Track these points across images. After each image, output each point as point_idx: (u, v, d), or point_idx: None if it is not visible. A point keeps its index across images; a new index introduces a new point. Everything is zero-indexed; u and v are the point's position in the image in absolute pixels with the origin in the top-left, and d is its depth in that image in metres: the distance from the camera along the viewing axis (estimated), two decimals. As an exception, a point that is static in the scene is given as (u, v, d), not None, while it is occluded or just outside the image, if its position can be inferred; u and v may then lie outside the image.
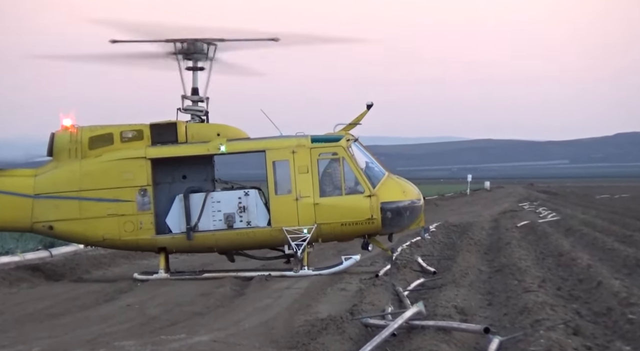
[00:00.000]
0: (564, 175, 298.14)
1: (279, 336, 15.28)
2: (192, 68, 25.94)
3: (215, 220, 24.81)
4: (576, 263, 25.07)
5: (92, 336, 15.88)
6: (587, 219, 47.60)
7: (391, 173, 25.76)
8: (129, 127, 25.39)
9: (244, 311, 18.51)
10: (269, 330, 15.95)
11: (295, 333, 15.23)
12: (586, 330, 14.83)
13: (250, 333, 15.73)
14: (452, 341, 14.02)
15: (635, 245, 31.18)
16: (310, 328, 15.20)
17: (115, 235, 24.97)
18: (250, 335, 15.53)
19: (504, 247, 31.16)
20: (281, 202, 24.72)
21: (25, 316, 19.00)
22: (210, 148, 25.19)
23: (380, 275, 23.57)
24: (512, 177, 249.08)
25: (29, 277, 24.91)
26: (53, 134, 25.57)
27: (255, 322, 16.89)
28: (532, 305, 16.65)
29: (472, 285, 21.34)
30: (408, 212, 25.21)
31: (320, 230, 24.75)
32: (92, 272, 27.49)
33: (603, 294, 18.89)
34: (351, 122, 25.53)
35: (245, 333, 15.73)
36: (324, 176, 24.92)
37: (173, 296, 21.41)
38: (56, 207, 25.03)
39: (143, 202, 24.90)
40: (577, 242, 33.94)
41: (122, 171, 24.95)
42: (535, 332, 14.03)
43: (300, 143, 24.99)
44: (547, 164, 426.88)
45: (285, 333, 15.49)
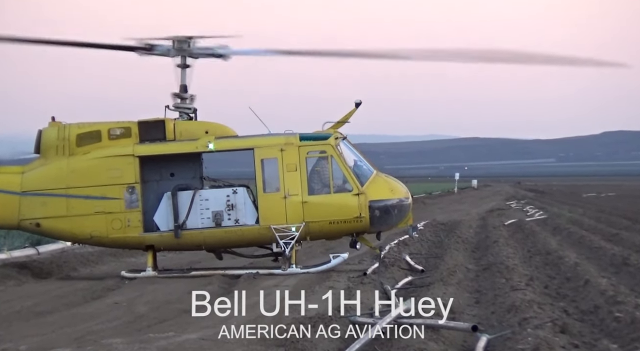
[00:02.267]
0: (551, 173, 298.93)
1: (268, 335, 15.25)
2: (181, 65, 25.90)
3: (203, 218, 24.79)
4: (563, 261, 25.14)
5: (79, 334, 15.84)
6: (574, 217, 47.73)
7: (379, 171, 25.78)
8: (117, 125, 25.34)
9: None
10: (258, 328, 15.91)
11: (284, 331, 15.21)
12: (573, 328, 14.87)
13: (238, 332, 15.67)
14: (440, 340, 14.05)
15: (622, 243, 31.29)
16: (298, 326, 15.19)
17: (103, 233, 24.92)
18: (239, 334, 15.48)
19: (492, 245, 31.22)
20: (269, 200, 24.72)
21: (12, 314, 18.95)
22: (198, 146, 25.17)
23: (368, 274, 23.60)
24: (499, 175, 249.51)
25: (16, 275, 24.84)
26: (40, 131, 25.50)
27: (244, 320, 16.86)
28: (519, 303, 16.70)
29: (460, 283, 21.37)
30: (396, 210, 25.24)
31: (309, 228, 24.75)
32: (79, 270, 27.43)
33: (590, 292, 18.95)
34: (340, 120, 25.54)
35: (233, 332, 15.67)
36: (313, 174, 24.92)
37: (161, 294, 21.38)
38: (43, 204, 24.96)
39: (131, 200, 24.86)
40: (565, 240, 34.02)
41: (110, 168, 24.90)
42: (522, 330, 14.07)
43: (289, 141, 24.98)
44: (534, 163, 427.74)
45: (274, 331, 15.46)
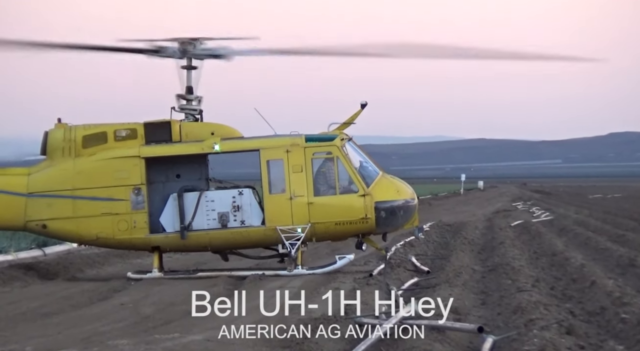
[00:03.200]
0: (557, 174, 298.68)
1: (272, 336, 15.26)
2: (187, 67, 25.92)
3: (209, 219, 24.80)
4: (569, 262, 25.11)
5: (85, 335, 15.86)
6: (580, 219, 47.68)
7: (385, 172, 25.77)
8: (123, 126, 25.37)
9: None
10: (263, 329, 15.92)
11: (287, 332, 15.21)
12: (579, 329, 14.86)
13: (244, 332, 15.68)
14: (446, 341, 14.04)
15: (628, 244, 31.24)
16: (303, 328, 15.19)
17: (109, 234, 24.94)
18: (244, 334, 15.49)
19: (498, 247, 31.19)
20: (275, 201, 24.72)
21: (18, 315, 18.97)
22: (204, 147, 25.19)
23: (374, 275, 23.59)
24: (506, 176, 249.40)
25: (22, 276, 24.87)
26: (47, 133, 25.54)
27: (249, 321, 16.86)
28: (525, 305, 16.68)
29: (465, 284, 21.35)
30: (402, 212, 25.22)
31: (314, 229, 24.75)
32: (85, 271, 27.46)
33: (596, 293, 18.93)
34: (345, 121, 25.53)
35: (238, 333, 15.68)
36: (318, 175, 24.92)
37: (167, 295, 21.39)
38: (50, 205, 24.99)
39: (137, 201, 24.89)
40: (571, 241, 33.99)
41: (116, 170, 24.93)
42: (528, 331, 14.05)
43: (295, 143, 24.99)
44: (540, 164, 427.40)
45: (279, 333, 15.47)
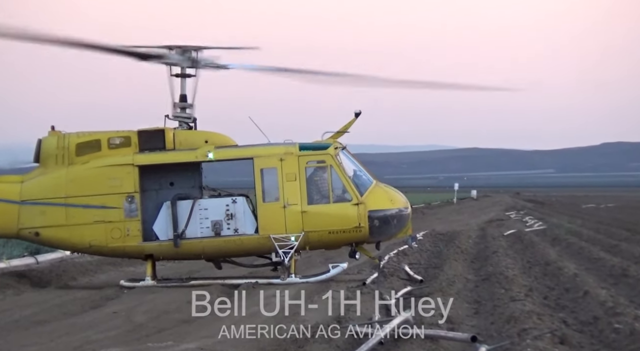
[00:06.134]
0: (550, 184, 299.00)
1: (265, 344, 15.26)
2: (180, 75, 25.92)
3: (202, 228, 24.79)
4: (563, 272, 25.14)
5: (78, 344, 15.83)
6: (573, 228, 47.73)
7: (379, 181, 25.80)
8: (117, 134, 25.36)
9: (231, 318, 18.45)
10: (256, 338, 15.92)
11: (283, 341, 15.21)
12: (573, 339, 14.88)
13: (237, 340, 15.69)
14: (440, 350, 14.04)
15: (621, 254, 31.29)
16: (297, 336, 15.18)
17: (102, 242, 24.91)
18: (238, 342, 15.49)
19: (491, 256, 31.22)
20: (269, 209, 24.72)
21: (10, 323, 18.93)
22: (198, 156, 25.18)
23: (367, 283, 23.58)
24: (499, 185, 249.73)
25: (14, 284, 24.83)
26: (40, 140, 25.52)
27: (242, 328, 16.84)
28: (519, 314, 16.69)
29: (459, 293, 21.37)
30: (395, 220, 25.24)
31: (308, 237, 24.75)
32: (78, 279, 27.41)
33: (589, 303, 18.96)
34: (339, 130, 25.56)
35: (232, 340, 15.69)
36: (312, 184, 24.93)
37: (160, 303, 21.36)
38: (43, 213, 24.97)
39: (130, 209, 24.86)
40: (564, 251, 34.02)
41: (110, 178, 24.91)
42: (522, 341, 14.07)
43: (288, 151, 25.00)
44: (533, 173, 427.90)
45: (273, 341, 15.46)
